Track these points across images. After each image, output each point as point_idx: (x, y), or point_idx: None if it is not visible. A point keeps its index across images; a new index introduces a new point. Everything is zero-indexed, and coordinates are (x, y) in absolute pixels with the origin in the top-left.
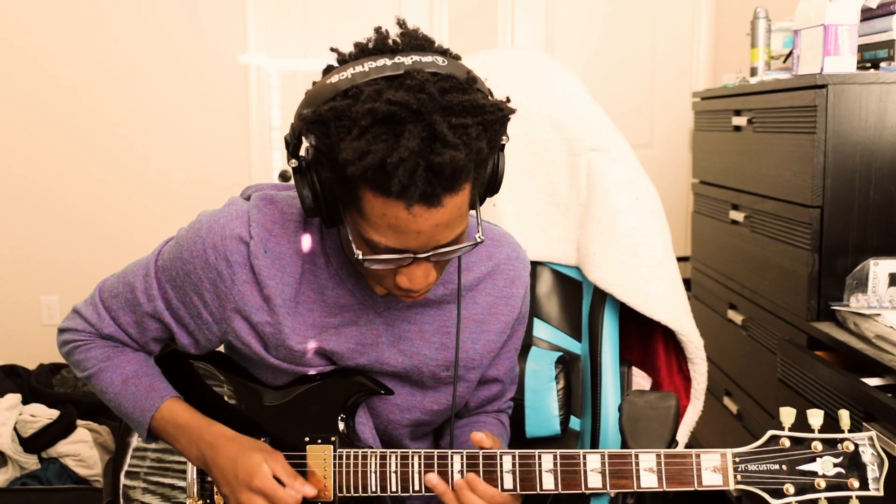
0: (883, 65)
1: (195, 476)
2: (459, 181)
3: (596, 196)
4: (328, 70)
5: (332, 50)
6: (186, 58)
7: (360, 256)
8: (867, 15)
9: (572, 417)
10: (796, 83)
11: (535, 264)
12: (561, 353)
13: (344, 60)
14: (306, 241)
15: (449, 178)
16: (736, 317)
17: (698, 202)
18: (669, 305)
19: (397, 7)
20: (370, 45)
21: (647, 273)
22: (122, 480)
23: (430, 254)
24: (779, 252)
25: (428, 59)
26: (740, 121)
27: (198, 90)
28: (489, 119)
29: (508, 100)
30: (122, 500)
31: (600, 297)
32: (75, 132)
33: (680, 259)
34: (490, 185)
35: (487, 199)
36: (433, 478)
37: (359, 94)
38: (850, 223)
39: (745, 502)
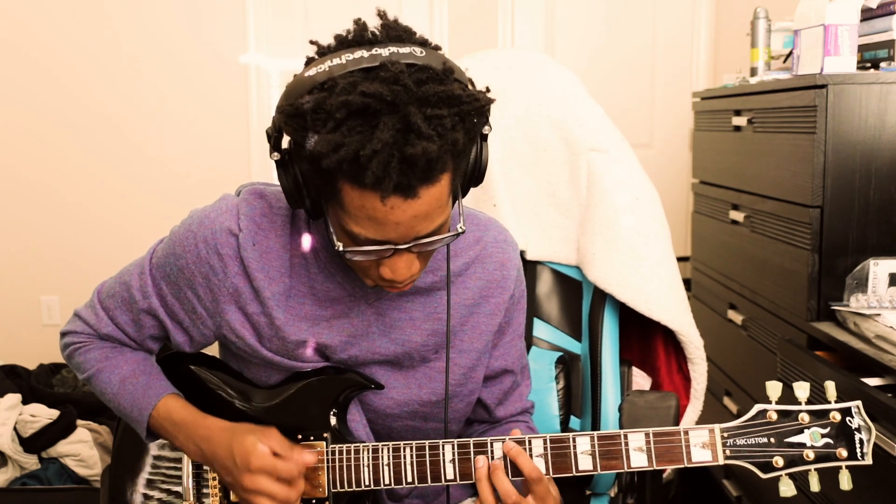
0: (883, 65)
1: (191, 480)
2: (435, 172)
3: (596, 196)
4: (309, 62)
5: (312, 42)
6: (187, 58)
7: (342, 248)
8: (867, 15)
9: (572, 417)
10: (796, 83)
11: (535, 264)
12: (561, 353)
13: (323, 53)
14: (295, 236)
15: (423, 169)
16: (736, 317)
17: (698, 202)
18: (669, 305)
19: (397, 7)
20: (349, 37)
21: (647, 273)
22: (141, 490)
23: (411, 244)
24: (779, 252)
25: (405, 50)
26: (740, 121)
27: (198, 90)
28: (465, 110)
29: (488, 89)
30: None
31: (600, 296)
32: (76, 132)
33: (680, 259)
34: (473, 175)
35: (487, 199)
36: (480, 460)
37: (334, 87)
38: (850, 223)
39: (745, 502)
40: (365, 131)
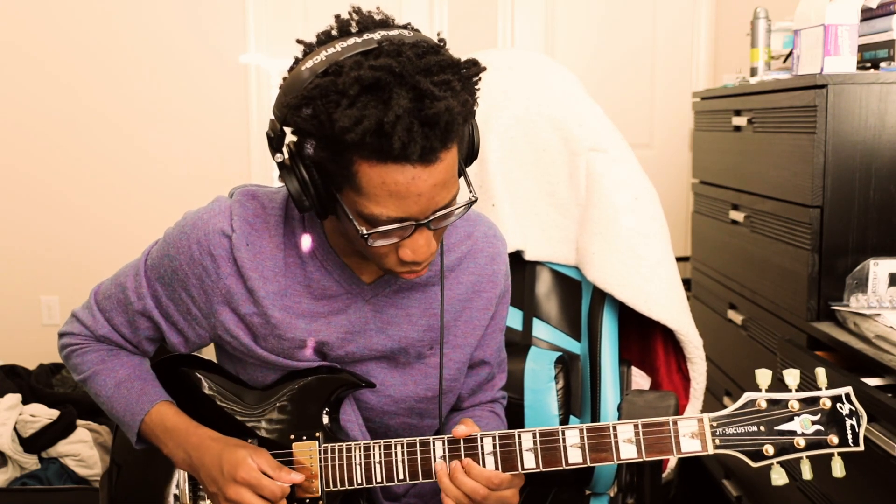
0: (883, 65)
1: (187, 485)
2: (452, 134)
3: (595, 196)
4: (298, 61)
5: (299, 42)
6: (187, 58)
7: (365, 232)
8: (867, 15)
9: (572, 417)
10: (796, 83)
11: (534, 264)
12: (560, 353)
13: (311, 50)
14: (289, 235)
15: (444, 129)
16: (736, 317)
17: (698, 202)
18: (668, 305)
19: (397, 7)
20: (333, 32)
21: (646, 273)
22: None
23: (431, 218)
24: (779, 252)
25: (394, 32)
26: (740, 121)
27: (198, 90)
28: (466, 74)
29: (475, 62)
30: None
31: (600, 296)
32: (76, 132)
33: (680, 259)
34: (470, 150)
35: (486, 199)
36: (438, 464)
37: (340, 70)
38: (850, 223)
39: (745, 502)
40: (380, 104)
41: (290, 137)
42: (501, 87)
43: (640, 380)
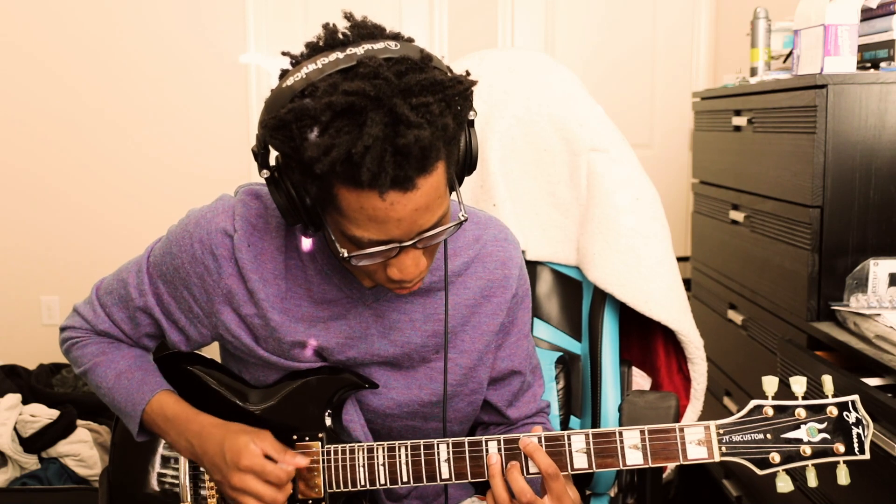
0: (883, 65)
1: (188, 479)
2: (430, 161)
3: (596, 196)
4: (283, 75)
5: (284, 54)
6: (187, 57)
7: (346, 254)
8: (867, 15)
9: (572, 417)
10: (796, 83)
11: (535, 264)
12: (561, 353)
13: (297, 62)
14: (291, 237)
15: (418, 158)
16: (736, 317)
17: (698, 202)
18: (669, 305)
19: (397, 7)
20: (321, 43)
21: (647, 273)
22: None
23: (415, 240)
24: (779, 252)
25: (380, 45)
26: (740, 121)
27: (198, 90)
28: (450, 94)
29: (468, 73)
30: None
31: (600, 296)
32: (76, 132)
33: (680, 259)
34: (466, 163)
35: (487, 199)
36: (493, 457)
37: (315, 91)
38: (850, 223)
39: (745, 502)
40: (353, 130)
41: (276, 153)
42: (502, 87)
43: (640, 380)
